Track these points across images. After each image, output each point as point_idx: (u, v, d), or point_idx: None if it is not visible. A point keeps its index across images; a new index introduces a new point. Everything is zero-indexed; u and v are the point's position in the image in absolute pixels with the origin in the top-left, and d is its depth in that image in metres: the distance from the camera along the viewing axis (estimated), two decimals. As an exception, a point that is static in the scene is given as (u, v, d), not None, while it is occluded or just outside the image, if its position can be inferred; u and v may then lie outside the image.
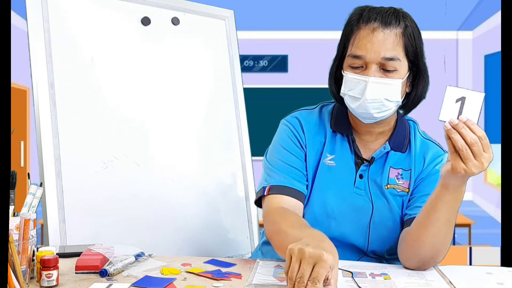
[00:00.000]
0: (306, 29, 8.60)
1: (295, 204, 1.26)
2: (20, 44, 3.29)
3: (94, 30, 1.70)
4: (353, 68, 1.23)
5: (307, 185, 1.32)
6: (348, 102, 1.25)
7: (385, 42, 1.19)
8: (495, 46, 7.39)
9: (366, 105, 1.21)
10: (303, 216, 1.30)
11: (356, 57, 1.21)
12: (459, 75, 9.20)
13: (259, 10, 7.42)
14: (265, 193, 1.29)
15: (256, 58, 9.29)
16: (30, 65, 1.57)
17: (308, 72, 8.78)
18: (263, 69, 9.36)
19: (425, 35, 1.27)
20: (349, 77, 1.23)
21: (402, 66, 1.22)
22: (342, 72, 1.26)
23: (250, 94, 2.29)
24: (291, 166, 1.30)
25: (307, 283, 0.89)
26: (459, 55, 9.21)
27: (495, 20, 7.56)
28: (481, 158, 1.00)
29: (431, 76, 1.31)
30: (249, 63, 9.23)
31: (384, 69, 1.20)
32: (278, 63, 9.38)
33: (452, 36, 9.13)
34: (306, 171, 1.32)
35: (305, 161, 1.32)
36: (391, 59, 1.19)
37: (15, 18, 6.32)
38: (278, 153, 1.33)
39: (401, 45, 1.21)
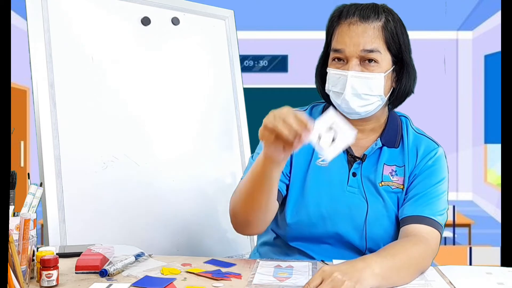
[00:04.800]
0: (306, 29, 8.60)
1: None
2: (20, 44, 3.29)
3: (94, 30, 1.70)
4: (336, 64, 1.25)
5: (287, 185, 1.31)
6: (333, 98, 1.26)
7: (363, 35, 1.21)
8: (495, 46, 7.39)
9: (348, 99, 1.22)
10: (298, 218, 1.29)
11: (337, 51, 1.23)
12: (459, 75, 9.19)
13: (259, 10, 7.43)
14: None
15: (256, 58, 9.29)
16: (30, 65, 1.57)
17: (308, 72, 8.64)
18: (263, 69, 9.36)
19: (425, 35, 1.28)
20: (331, 73, 1.25)
21: (384, 59, 1.22)
22: (327, 69, 1.27)
23: (250, 94, 2.29)
24: None
25: None
26: (459, 55, 9.21)
27: (495, 20, 7.56)
28: None
29: (432, 76, 1.31)
30: (249, 63, 9.24)
31: (365, 62, 1.21)
32: (278, 63, 9.38)
33: (452, 36, 9.13)
34: (290, 171, 1.31)
35: (291, 161, 1.31)
36: (370, 51, 1.20)
37: (15, 18, 6.32)
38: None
39: (381, 38, 1.22)
